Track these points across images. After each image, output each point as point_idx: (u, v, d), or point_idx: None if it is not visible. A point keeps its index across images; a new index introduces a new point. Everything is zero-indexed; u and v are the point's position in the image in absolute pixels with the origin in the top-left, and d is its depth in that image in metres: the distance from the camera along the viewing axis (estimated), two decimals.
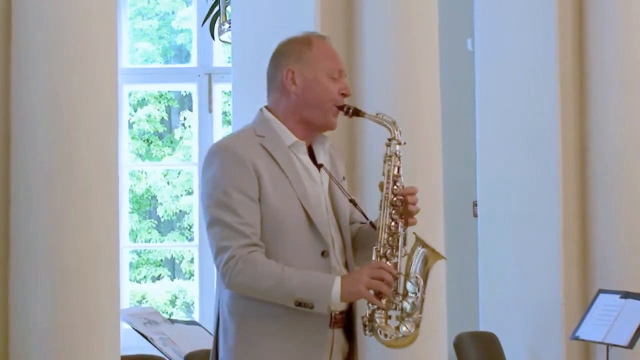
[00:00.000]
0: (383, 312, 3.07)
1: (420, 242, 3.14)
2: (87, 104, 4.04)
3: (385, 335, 3.08)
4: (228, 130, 8.25)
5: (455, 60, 6.77)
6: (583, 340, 5.47)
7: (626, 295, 5.38)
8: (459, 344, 5.58)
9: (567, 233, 5.93)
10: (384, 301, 3.07)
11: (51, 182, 3.98)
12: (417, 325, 3.10)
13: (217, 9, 6.78)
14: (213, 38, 7.11)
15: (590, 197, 6.00)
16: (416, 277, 3.11)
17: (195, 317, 8.16)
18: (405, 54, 4.96)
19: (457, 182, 6.72)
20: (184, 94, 10.22)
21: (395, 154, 3.18)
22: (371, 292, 3.03)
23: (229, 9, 6.40)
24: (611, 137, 5.92)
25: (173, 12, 10.20)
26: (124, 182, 8.08)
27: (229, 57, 7.02)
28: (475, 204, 6.59)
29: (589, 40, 6.01)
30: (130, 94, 9.03)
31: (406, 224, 3.16)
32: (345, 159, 3.49)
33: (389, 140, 3.20)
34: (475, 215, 6.56)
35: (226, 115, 8.62)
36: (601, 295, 5.48)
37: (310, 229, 3.11)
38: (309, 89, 3.17)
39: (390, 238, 3.12)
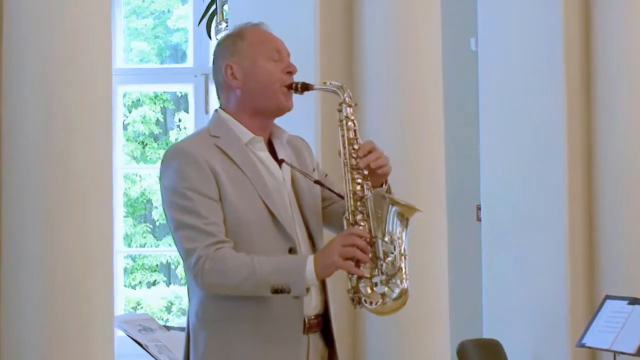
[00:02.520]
0: (367, 280, 3.05)
1: (390, 200, 3.10)
2: (81, 104, 4.04)
3: (371, 303, 3.05)
4: None
5: (458, 60, 6.77)
6: (589, 347, 5.46)
7: (634, 301, 5.38)
8: (462, 351, 5.58)
9: (573, 238, 5.93)
10: (364, 268, 3.04)
11: (43, 185, 3.98)
12: (405, 289, 3.07)
13: (213, 7, 6.78)
14: (210, 38, 7.11)
15: (596, 201, 6.00)
16: (390, 235, 3.07)
17: None
18: (408, 53, 4.96)
19: (460, 185, 6.72)
20: (180, 95, 10.23)
21: (347, 117, 3.16)
22: (349, 262, 3.00)
23: (225, 7, 6.40)
24: (618, 139, 5.91)
25: (169, 11, 10.21)
26: (118, 185, 8.07)
27: None
28: (478, 208, 6.59)
29: (596, 39, 6.00)
30: (124, 95, 9.03)
31: (380, 182, 3.15)
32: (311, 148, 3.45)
33: (340, 104, 3.17)
34: (479, 220, 6.56)
35: None
36: (608, 302, 5.47)
37: (275, 226, 3.11)
38: (250, 78, 3.18)
39: (358, 203, 3.10)
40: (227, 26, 6.14)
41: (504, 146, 6.15)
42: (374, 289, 3.05)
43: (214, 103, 8.11)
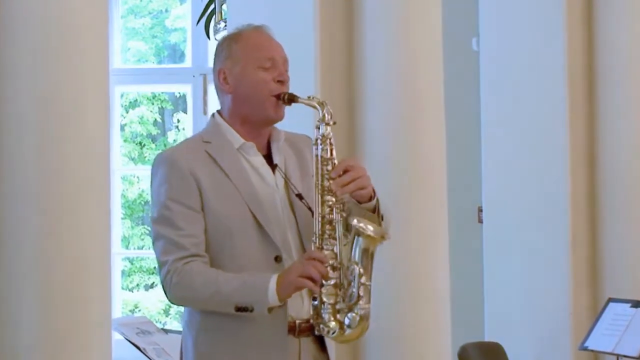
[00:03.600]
0: (330, 306, 3.02)
1: (355, 230, 3.03)
2: (77, 105, 4.04)
3: (328, 332, 3.04)
4: None
5: (459, 60, 6.77)
6: (592, 350, 5.46)
7: (637, 304, 5.38)
8: (464, 355, 5.58)
9: (576, 240, 5.93)
10: (328, 295, 3.01)
11: (40, 187, 3.98)
12: (363, 316, 3.02)
13: (212, 7, 6.79)
14: (208, 37, 7.11)
15: (599, 203, 6.00)
16: (354, 264, 3.02)
17: None
18: (409, 53, 4.96)
19: (462, 186, 6.72)
20: (178, 95, 10.22)
21: (324, 135, 3.09)
22: (307, 281, 2.98)
23: (224, 7, 6.40)
24: (621, 140, 5.92)
25: (167, 11, 10.20)
26: (115, 186, 8.07)
27: None
28: (480, 210, 6.59)
29: (599, 39, 6.01)
30: (122, 95, 9.03)
31: (363, 199, 3.07)
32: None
33: (318, 121, 3.10)
34: (481, 221, 6.56)
35: None
36: (611, 304, 5.47)
37: (260, 234, 3.09)
38: (239, 85, 3.15)
39: (327, 227, 3.05)
40: (225, 26, 6.14)
41: (506, 147, 6.15)
42: (336, 315, 3.03)
43: (213, 103, 8.10)
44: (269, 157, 3.21)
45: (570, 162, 5.93)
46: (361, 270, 3.01)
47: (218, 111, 3.26)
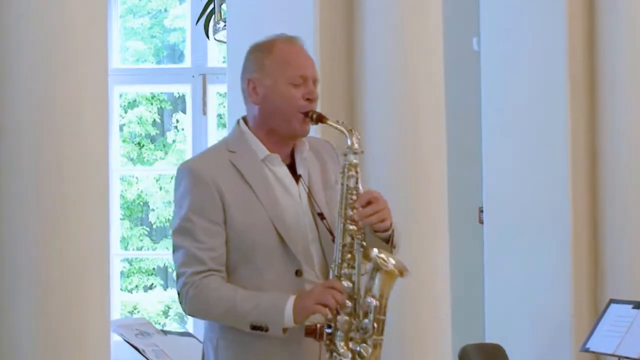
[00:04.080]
0: (344, 334, 3.06)
1: (374, 263, 3.07)
2: (76, 105, 4.04)
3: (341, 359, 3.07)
4: (223, 133, 8.24)
5: (460, 60, 6.76)
6: (594, 352, 5.46)
7: (639, 305, 5.38)
8: (464, 356, 5.57)
9: (577, 240, 5.93)
10: (342, 322, 3.06)
11: (38, 188, 3.97)
12: (376, 346, 3.07)
13: (211, 6, 6.78)
14: (207, 37, 7.11)
15: (601, 203, 6.00)
16: (370, 299, 3.06)
17: (189, 328, 8.15)
18: (409, 53, 4.96)
19: (462, 186, 6.71)
20: (177, 96, 10.21)
21: (351, 164, 3.12)
22: (323, 308, 3.02)
23: (224, 6, 6.40)
24: (623, 141, 5.92)
25: (166, 10, 10.20)
26: (114, 187, 8.07)
27: (224, 57, 7.03)
28: (480, 210, 6.59)
29: (600, 39, 6.00)
30: (120, 95, 9.03)
31: (380, 230, 3.11)
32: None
33: (347, 149, 3.13)
34: (481, 222, 6.56)
35: (221, 117, 8.61)
36: (613, 306, 5.47)
37: (282, 248, 3.12)
38: (269, 98, 3.17)
39: (348, 256, 3.09)
40: (225, 25, 6.14)
41: (507, 147, 6.15)
42: (349, 344, 3.07)
43: (212, 103, 8.11)
44: (291, 167, 3.23)
45: (571, 163, 5.93)
46: (377, 303, 3.06)
47: (243, 118, 3.27)
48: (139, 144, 10.55)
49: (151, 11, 10.25)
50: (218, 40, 6.74)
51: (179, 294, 3.13)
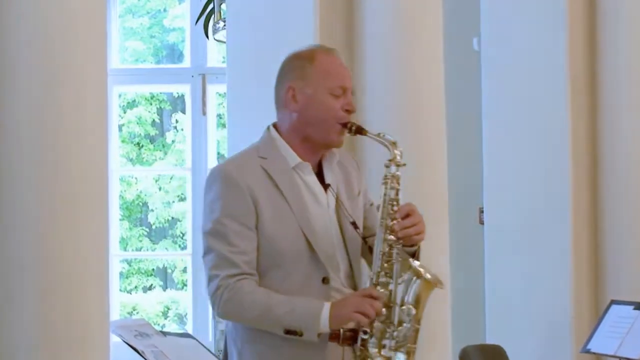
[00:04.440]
0: (377, 341, 3.11)
1: (414, 271, 3.14)
2: (75, 105, 4.03)
3: None
4: (222, 133, 8.25)
5: (460, 60, 6.77)
6: (594, 353, 5.46)
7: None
8: (465, 357, 5.57)
9: (578, 241, 5.92)
10: (377, 329, 3.11)
11: (37, 188, 3.97)
12: (409, 355, 3.12)
13: (211, 6, 6.79)
14: (207, 37, 7.11)
15: (601, 204, 6.00)
16: (408, 307, 3.12)
17: (189, 329, 8.15)
18: (409, 54, 4.96)
19: (462, 187, 6.71)
20: (177, 96, 10.23)
21: (394, 175, 3.19)
22: (362, 317, 3.08)
23: (223, 6, 6.40)
24: (624, 141, 5.91)
25: (165, 10, 10.21)
26: (113, 187, 8.07)
27: (224, 57, 7.03)
28: (481, 211, 6.59)
29: (601, 39, 6.00)
30: (119, 95, 9.03)
31: (408, 243, 3.18)
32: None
33: (389, 161, 3.20)
34: (482, 222, 6.56)
35: (221, 117, 8.62)
36: (613, 307, 5.47)
37: (311, 255, 3.17)
38: (309, 106, 3.20)
39: (386, 265, 3.14)
40: (224, 25, 6.14)
41: (507, 148, 6.15)
42: (382, 351, 3.12)
43: (212, 104, 8.12)
44: (319, 175, 3.27)
45: (571, 163, 5.93)
46: (414, 312, 3.11)
47: (274, 125, 3.29)
48: (138, 144, 10.57)
49: (150, 11, 10.26)
50: (217, 40, 6.74)
51: (211, 296, 3.15)
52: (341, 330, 3.14)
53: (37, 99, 3.99)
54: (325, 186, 3.25)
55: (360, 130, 3.21)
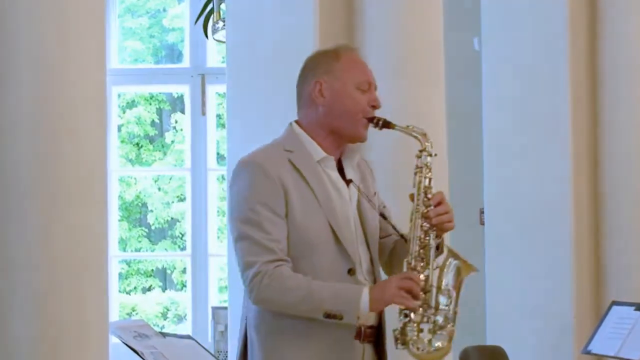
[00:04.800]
0: (415, 325, 3.19)
1: (452, 254, 3.30)
2: (74, 105, 4.03)
3: (418, 349, 3.20)
4: (222, 133, 8.25)
5: (461, 60, 6.76)
6: (595, 354, 5.45)
7: None
8: (465, 358, 5.57)
9: (579, 242, 5.92)
10: (416, 313, 3.19)
11: (35, 188, 3.97)
12: (450, 339, 3.23)
13: (210, 6, 6.79)
14: (206, 37, 7.12)
15: (603, 204, 5.99)
16: (448, 290, 3.25)
17: (188, 330, 8.15)
18: (409, 53, 4.96)
19: (463, 187, 6.71)
20: (176, 96, 10.23)
21: (426, 165, 3.30)
22: (403, 299, 3.16)
23: (223, 6, 6.40)
24: (625, 142, 5.91)
25: (164, 10, 10.21)
26: (112, 188, 8.08)
27: (223, 57, 7.03)
28: (482, 211, 6.58)
29: (602, 38, 6.00)
30: (119, 96, 9.04)
31: (439, 235, 3.29)
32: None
33: (420, 151, 3.31)
34: (482, 223, 6.55)
35: (220, 118, 8.63)
36: (615, 308, 5.46)
37: (337, 246, 3.23)
38: (337, 100, 3.28)
39: (421, 250, 3.24)
40: (224, 25, 6.14)
41: (508, 148, 6.15)
42: (420, 334, 3.20)
43: (211, 104, 8.12)
44: (340, 172, 3.34)
45: (573, 164, 5.92)
46: (454, 294, 3.28)
47: (296, 121, 3.35)
48: (137, 144, 10.57)
49: (150, 11, 10.27)
50: (217, 40, 6.74)
51: (248, 283, 3.17)
52: (362, 328, 3.22)
53: (36, 99, 3.99)
54: (347, 182, 3.32)
55: (387, 124, 3.31)
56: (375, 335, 3.30)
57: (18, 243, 3.96)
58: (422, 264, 3.23)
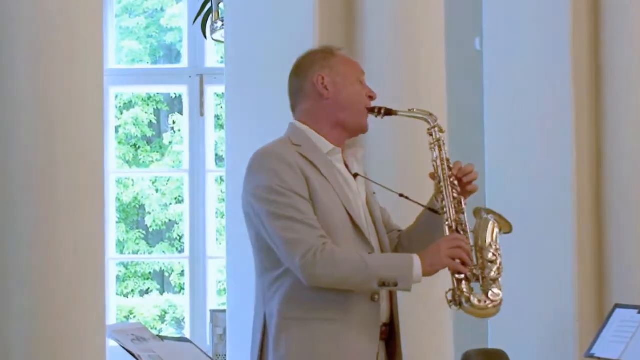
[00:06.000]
0: (467, 284, 3.37)
1: (486, 210, 3.51)
2: (71, 106, 4.04)
3: (479, 301, 3.45)
4: (220, 134, 8.25)
5: (462, 60, 6.76)
6: (598, 358, 5.45)
7: None
8: None
9: (582, 243, 5.92)
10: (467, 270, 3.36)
11: (32, 190, 3.97)
12: (500, 289, 3.54)
13: (209, 5, 6.78)
14: (205, 37, 7.11)
15: (606, 205, 5.99)
16: (490, 245, 3.48)
17: (186, 333, 8.15)
18: (410, 54, 4.96)
19: None
20: (174, 96, 10.23)
21: (438, 140, 3.46)
22: (457, 261, 3.32)
23: (221, 5, 6.40)
24: (628, 142, 5.91)
25: (162, 9, 10.22)
26: (110, 190, 8.07)
27: (222, 57, 7.03)
28: None
29: (605, 38, 6.00)
30: (116, 96, 9.03)
31: (466, 198, 3.50)
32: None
33: (429, 129, 3.48)
34: None
35: (219, 118, 8.63)
36: (618, 311, 5.46)
37: (355, 233, 3.31)
38: (341, 91, 3.38)
39: (460, 216, 3.43)
40: (222, 25, 6.14)
41: (510, 147, 6.15)
42: (471, 292, 3.40)
43: (210, 104, 8.11)
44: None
45: (575, 164, 5.92)
46: (499, 250, 3.55)
47: (296, 119, 3.43)
48: (134, 145, 10.57)
49: (147, 10, 10.27)
50: (216, 40, 6.74)
51: (298, 260, 3.19)
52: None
53: (33, 100, 4.00)
54: (353, 175, 3.39)
55: (390, 112, 3.44)
56: (387, 334, 3.37)
57: (16, 245, 3.97)
58: (460, 226, 3.40)
